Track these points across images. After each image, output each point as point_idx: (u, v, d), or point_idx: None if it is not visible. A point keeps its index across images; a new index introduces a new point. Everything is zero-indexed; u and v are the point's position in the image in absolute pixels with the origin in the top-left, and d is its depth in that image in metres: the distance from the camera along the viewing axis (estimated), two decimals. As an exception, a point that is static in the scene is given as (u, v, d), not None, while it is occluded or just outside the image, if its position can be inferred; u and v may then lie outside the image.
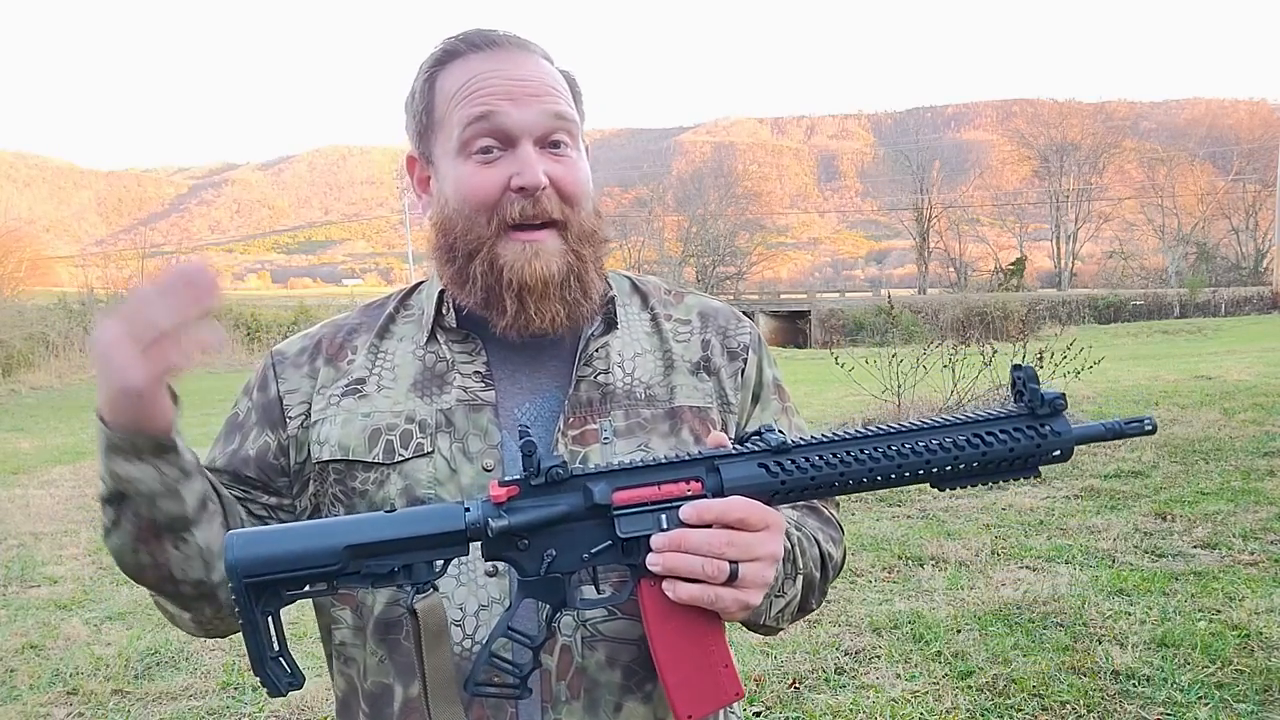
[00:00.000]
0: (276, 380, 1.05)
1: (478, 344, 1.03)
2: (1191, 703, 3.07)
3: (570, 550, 0.84)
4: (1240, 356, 15.11)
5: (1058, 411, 0.88)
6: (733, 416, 1.07)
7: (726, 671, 0.86)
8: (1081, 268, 63.63)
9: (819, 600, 1.06)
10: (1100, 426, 0.89)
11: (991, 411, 0.89)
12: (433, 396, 1.00)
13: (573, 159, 1.00)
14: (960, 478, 0.88)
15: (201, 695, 3.53)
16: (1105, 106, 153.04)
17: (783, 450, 0.85)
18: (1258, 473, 6.23)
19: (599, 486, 0.83)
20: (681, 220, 48.75)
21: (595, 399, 1.01)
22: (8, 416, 14.15)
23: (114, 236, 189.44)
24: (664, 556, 0.81)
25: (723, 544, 0.81)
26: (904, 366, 8.64)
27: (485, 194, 0.96)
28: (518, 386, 1.02)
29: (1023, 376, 0.89)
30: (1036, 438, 0.87)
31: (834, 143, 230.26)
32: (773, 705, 3.25)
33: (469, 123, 0.96)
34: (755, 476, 0.85)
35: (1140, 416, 0.89)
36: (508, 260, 0.96)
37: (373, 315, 1.09)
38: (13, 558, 5.56)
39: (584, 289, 1.00)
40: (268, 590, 0.80)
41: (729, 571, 0.81)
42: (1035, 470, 0.89)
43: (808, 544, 1.02)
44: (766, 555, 0.84)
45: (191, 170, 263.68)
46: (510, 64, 0.98)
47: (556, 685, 0.93)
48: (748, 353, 1.10)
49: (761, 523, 0.83)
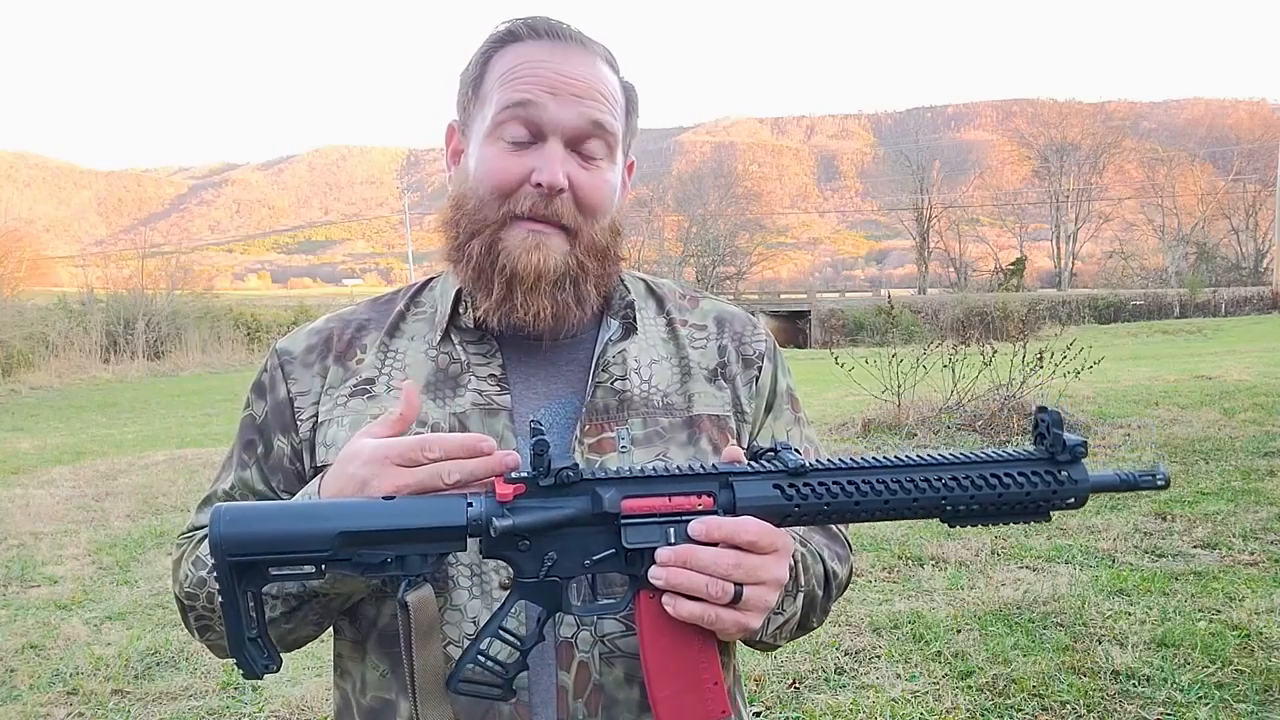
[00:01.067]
0: (286, 381, 1.01)
1: (493, 346, 0.99)
2: (1191, 703, 3.07)
3: (572, 555, 0.82)
4: (1240, 356, 15.12)
5: (1077, 459, 0.86)
6: (746, 425, 1.04)
7: (715, 689, 0.84)
8: (1081, 268, 63.61)
9: (820, 619, 1.04)
10: (1115, 477, 0.88)
11: (1012, 452, 0.87)
12: (446, 399, 0.97)
13: (601, 169, 0.97)
14: (974, 516, 0.87)
15: (201, 695, 3.53)
16: (1105, 106, 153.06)
17: (799, 473, 0.83)
18: (1258, 473, 6.23)
19: (608, 493, 0.81)
20: (681, 220, 48.74)
21: (612, 406, 0.98)
22: (8, 416, 14.15)
23: (114, 236, 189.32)
24: (668, 571, 0.79)
25: (730, 565, 0.79)
26: (904, 366, 8.64)
27: (504, 180, 0.94)
28: (533, 391, 0.99)
29: (1047, 420, 0.87)
30: (1054, 483, 0.86)
31: (834, 143, 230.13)
32: (773, 705, 3.24)
33: (505, 106, 0.94)
34: (769, 497, 0.82)
35: (1153, 470, 0.88)
36: (507, 246, 0.94)
37: (381, 311, 1.06)
38: (13, 558, 5.56)
39: (577, 297, 0.97)
40: (252, 569, 0.77)
41: (733, 593, 0.79)
42: (1047, 515, 0.88)
43: (812, 560, 1.00)
44: (771, 580, 0.82)
45: (191, 170, 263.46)
46: (564, 59, 0.95)
47: (574, 703, 0.90)
48: (763, 360, 1.08)
49: (770, 546, 0.81)
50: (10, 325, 20.92)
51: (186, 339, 25.91)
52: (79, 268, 36.94)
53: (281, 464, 1.00)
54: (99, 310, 24.77)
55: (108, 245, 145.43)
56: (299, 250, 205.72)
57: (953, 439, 7.94)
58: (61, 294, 27.96)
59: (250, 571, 0.77)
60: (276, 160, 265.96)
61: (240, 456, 1.03)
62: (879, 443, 8.06)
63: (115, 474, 8.40)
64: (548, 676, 0.91)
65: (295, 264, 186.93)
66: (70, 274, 44.68)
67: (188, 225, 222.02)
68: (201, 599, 0.92)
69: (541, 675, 0.91)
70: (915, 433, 8.17)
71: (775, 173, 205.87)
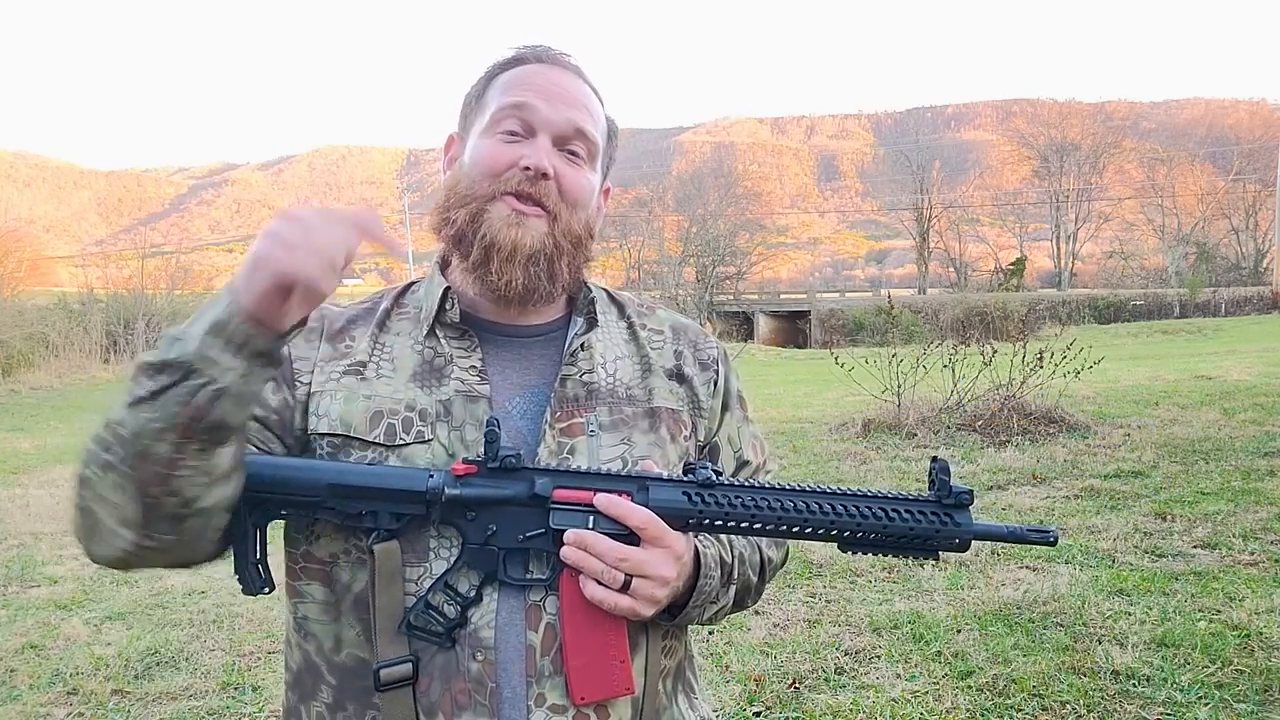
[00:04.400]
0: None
1: (474, 341, 1.08)
2: (1191, 703, 3.07)
3: (509, 530, 0.96)
4: (1240, 356, 15.12)
5: (963, 505, 0.97)
6: (703, 420, 1.16)
7: (622, 666, 0.97)
8: (1081, 268, 63.61)
9: (755, 599, 1.18)
10: (1003, 529, 0.98)
11: (906, 493, 0.99)
12: (432, 388, 1.05)
13: (583, 169, 1.09)
14: (863, 544, 0.98)
15: (201, 695, 3.53)
16: (1105, 106, 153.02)
17: (707, 485, 0.97)
18: (1258, 473, 6.22)
19: (542, 481, 0.96)
20: (681, 220, 48.61)
21: (581, 395, 1.07)
22: (8, 416, 14.15)
23: (114, 236, 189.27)
24: (569, 550, 0.94)
25: (618, 557, 0.93)
26: (904, 366, 8.65)
27: (495, 164, 1.04)
28: (509, 382, 1.08)
29: (937, 469, 0.99)
30: (937, 524, 0.97)
31: (834, 143, 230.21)
32: (773, 705, 3.24)
33: (502, 106, 1.06)
34: (677, 501, 0.96)
35: (1046, 527, 0.99)
36: (490, 218, 1.03)
37: (367, 310, 1.13)
38: (13, 558, 5.56)
39: (550, 274, 1.06)
40: (261, 505, 0.95)
41: (622, 581, 0.94)
42: (934, 553, 0.98)
43: (749, 551, 1.13)
44: (656, 576, 0.95)
45: (191, 170, 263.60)
46: (558, 76, 1.09)
47: (541, 660, 0.98)
48: (718, 365, 1.20)
49: (656, 539, 0.95)
50: (10, 325, 20.91)
51: (186, 339, 25.83)
52: (79, 268, 36.95)
53: (284, 412, 1.03)
54: (99, 310, 24.75)
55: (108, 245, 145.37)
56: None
57: (953, 439, 7.94)
58: (61, 294, 27.93)
59: (260, 508, 0.95)
60: (276, 160, 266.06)
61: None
62: (879, 443, 8.05)
63: (115, 474, 8.40)
64: (516, 636, 0.99)
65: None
66: (70, 274, 44.62)
67: (188, 225, 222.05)
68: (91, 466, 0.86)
69: (510, 635, 0.98)
70: (915, 433, 8.17)
71: (775, 173, 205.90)
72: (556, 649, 0.98)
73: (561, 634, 0.97)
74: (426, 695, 0.96)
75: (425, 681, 0.96)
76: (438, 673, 0.97)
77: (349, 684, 1.00)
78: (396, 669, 0.95)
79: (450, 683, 0.96)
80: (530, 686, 0.97)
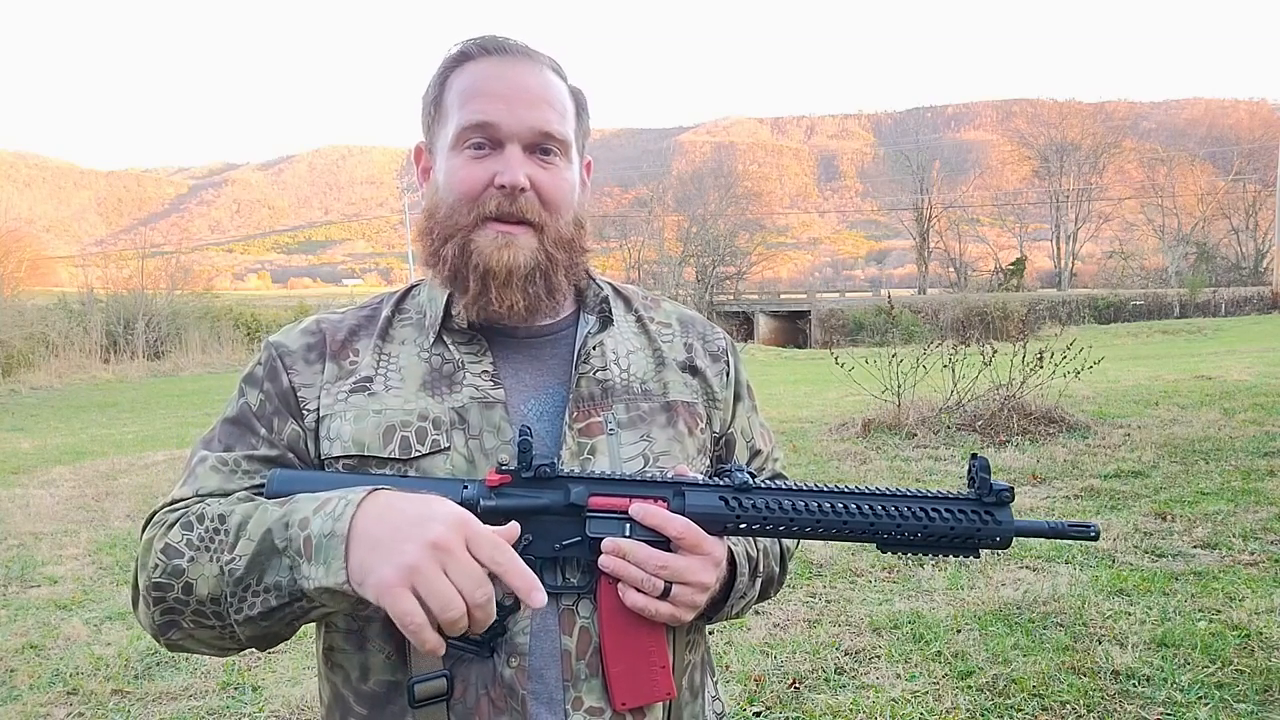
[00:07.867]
0: (287, 373, 1.05)
1: (483, 344, 1.06)
2: (1191, 703, 3.07)
3: (545, 539, 0.95)
4: (1240, 356, 15.11)
5: (1004, 502, 0.96)
6: (718, 412, 1.15)
7: (662, 672, 0.97)
8: (1081, 268, 63.56)
9: (778, 589, 1.18)
10: (1044, 525, 0.97)
11: (945, 492, 0.97)
12: (444, 396, 1.03)
13: (558, 168, 1.05)
14: (903, 545, 0.96)
15: (201, 695, 3.53)
16: (1105, 106, 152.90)
17: (744, 489, 0.96)
18: (1258, 473, 6.22)
19: (578, 489, 0.94)
20: (681, 220, 48.60)
21: (596, 394, 1.06)
22: (8, 416, 14.16)
23: (114, 236, 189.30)
24: (608, 558, 0.94)
25: (658, 565, 0.93)
26: (904, 366, 8.64)
27: (470, 186, 1.02)
28: (523, 385, 1.06)
29: (977, 466, 0.97)
30: (979, 522, 0.95)
31: (834, 143, 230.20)
32: (773, 705, 3.24)
33: (464, 127, 1.03)
34: (714, 506, 0.95)
35: (1087, 522, 0.97)
36: (479, 246, 1.02)
37: (367, 318, 1.11)
38: (13, 558, 5.56)
39: (549, 288, 1.05)
40: None
41: (663, 588, 0.94)
42: (975, 551, 0.97)
43: (770, 543, 1.13)
44: (696, 582, 0.95)
45: (191, 170, 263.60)
46: (515, 71, 1.04)
47: (577, 664, 0.98)
48: (728, 355, 1.20)
49: (694, 546, 0.94)
50: (10, 325, 20.93)
51: (186, 339, 25.90)
52: (79, 268, 36.87)
53: (297, 446, 1.02)
54: (99, 310, 24.77)
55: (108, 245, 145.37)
56: (299, 250, 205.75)
57: (953, 439, 7.94)
58: (61, 294, 27.95)
59: None
60: (276, 160, 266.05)
61: (224, 439, 1.03)
62: (879, 443, 8.05)
63: (115, 474, 8.40)
64: (550, 642, 0.98)
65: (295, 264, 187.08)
66: (70, 274, 44.59)
67: (188, 225, 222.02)
68: (176, 589, 0.90)
69: (544, 641, 0.98)
70: (915, 433, 8.16)
71: (775, 173, 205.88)
72: (592, 652, 0.98)
73: (601, 641, 0.96)
74: (461, 702, 0.95)
75: (459, 688, 0.95)
76: (472, 679, 0.96)
77: (378, 713, 0.99)
78: (432, 684, 0.93)
79: (485, 689, 0.95)
80: (567, 690, 0.97)
